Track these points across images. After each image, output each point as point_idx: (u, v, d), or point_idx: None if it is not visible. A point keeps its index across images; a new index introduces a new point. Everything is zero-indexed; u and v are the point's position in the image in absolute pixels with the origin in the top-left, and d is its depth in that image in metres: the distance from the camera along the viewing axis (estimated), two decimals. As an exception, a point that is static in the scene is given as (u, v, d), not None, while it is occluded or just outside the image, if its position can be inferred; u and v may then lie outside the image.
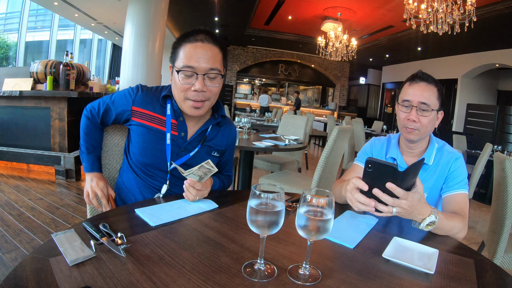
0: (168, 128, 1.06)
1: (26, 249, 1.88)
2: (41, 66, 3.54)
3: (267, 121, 5.62)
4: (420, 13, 4.27)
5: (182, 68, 0.97)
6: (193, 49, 0.97)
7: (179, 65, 0.97)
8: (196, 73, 0.97)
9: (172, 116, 1.07)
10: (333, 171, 2.22)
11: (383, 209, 0.77)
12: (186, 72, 0.97)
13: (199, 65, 0.96)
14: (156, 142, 1.06)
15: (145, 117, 1.07)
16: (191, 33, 1.00)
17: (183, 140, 1.08)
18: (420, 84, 1.10)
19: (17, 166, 3.62)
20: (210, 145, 1.13)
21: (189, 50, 0.97)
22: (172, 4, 5.42)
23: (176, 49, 1.00)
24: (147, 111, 1.07)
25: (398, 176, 0.73)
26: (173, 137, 1.07)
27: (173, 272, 0.61)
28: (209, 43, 0.99)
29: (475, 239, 2.85)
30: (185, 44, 0.98)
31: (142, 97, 1.08)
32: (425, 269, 0.68)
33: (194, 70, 0.97)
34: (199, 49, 0.97)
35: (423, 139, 1.14)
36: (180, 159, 1.08)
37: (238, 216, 0.91)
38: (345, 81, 13.04)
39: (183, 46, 0.98)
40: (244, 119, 2.61)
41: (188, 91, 0.99)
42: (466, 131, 6.54)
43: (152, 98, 1.08)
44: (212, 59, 0.98)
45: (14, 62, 9.52)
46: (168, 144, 1.06)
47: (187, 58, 0.96)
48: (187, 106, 1.02)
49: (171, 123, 1.07)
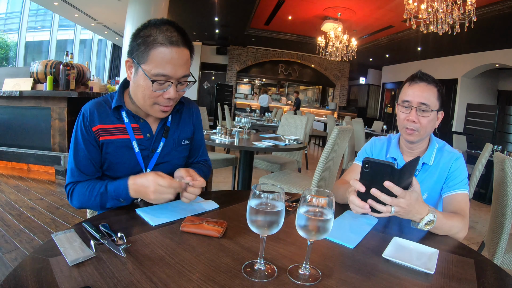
0: (132, 135, 0.98)
1: (26, 249, 1.88)
2: (41, 66, 3.54)
3: (267, 121, 5.62)
4: (420, 13, 4.27)
5: (156, 76, 0.86)
6: (168, 54, 0.85)
7: (152, 72, 0.86)
8: (170, 81, 0.88)
9: (131, 121, 0.99)
10: (333, 171, 2.22)
11: (381, 209, 0.77)
12: (160, 80, 0.87)
13: (174, 73, 0.87)
14: (125, 153, 0.98)
15: (106, 132, 0.97)
16: (160, 28, 0.86)
17: (150, 141, 1.01)
18: (419, 84, 1.10)
19: (17, 166, 3.62)
20: (177, 135, 1.07)
21: (163, 56, 0.85)
22: (172, 4, 5.42)
23: (143, 45, 0.86)
24: (105, 126, 0.96)
25: (395, 174, 0.73)
26: (139, 142, 0.99)
27: (173, 272, 0.61)
28: (183, 46, 0.88)
29: (475, 239, 2.85)
30: (156, 45, 0.85)
31: (92, 114, 0.96)
32: (425, 269, 0.68)
33: (168, 78, 0.87)
34: (174, 55, 0.86)
35: (423, 140, 1.14)
36: (152, 161, 1.02)
37: (238, 216, 0.91)
38: (345, 81, 13.04)
39: (154, 47, 0.85)
40: (244, 119, 2.61)
41: (159, 98, 0.90)
42: (466, 131, 6.54)
43: (102, 111, 0.97)
44: (185, 65, 0.90)
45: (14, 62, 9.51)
46: (138, 152, 0.99)
47: (161, 64, 0.85)
48: (155, 110, 0.93)
49: (133, 128, 0.99)
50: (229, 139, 2.31)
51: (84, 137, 0.95)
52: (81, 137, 0.95)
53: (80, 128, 0.95)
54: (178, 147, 1.07)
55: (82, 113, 0.96)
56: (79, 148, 0.95)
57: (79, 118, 0.97)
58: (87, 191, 0.92)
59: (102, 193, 0.89)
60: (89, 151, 0.95)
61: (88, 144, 0.95)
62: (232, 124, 4.39)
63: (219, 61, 12.09)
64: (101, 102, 0.99)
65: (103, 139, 0.96)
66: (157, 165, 1.03)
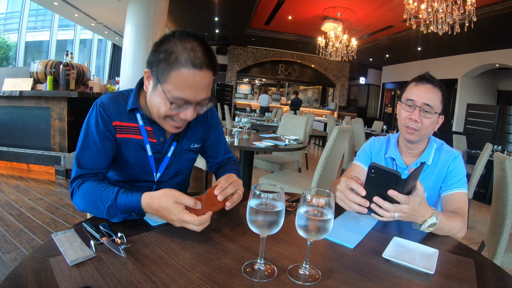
0: (146, 138, 0.96)
1: (26, 249, 1.88)
2: (41, 66, 3.54)
3: (267, 121, 5.62)
4: (420, 13, 4.27)
5: (175, 99, 0.81)
6: (190, 78, 0.79)
7: (171, 93, 0.81)
8: (189, 103, 0.84)
9: (146, 124, 0.96)
10: (333, 171, 2.22)
11: (384, 214, 0.77)
12: (179, 102, 0.82)
13: (195, 97, 0.83)
14: (139, 154, 0.96)
15: (123, 129, 0.94)
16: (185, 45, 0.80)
17: (163, 145, 1.00)
18: (426, 85, 1.10)
19: (17, 166, 3.62)
20: (187, 139, 1.04)
21: (185, 79, 0.79)
22: (172, 4, 5.42)
23: (164, 63, 0.80)
24: (122, 123, 0.94)
25: (400, 183, 0.73)
26: (152, 145, 0.97)
27: (173, 272, 0.61)
28: (207, 69, 0.81)
29: (475, 239, 2.85)
30: (179, 66, 0.79)
31: (111, 109, 0.92)
32: (425, 269, 0.68)
33: (188, 102, 0.83)
34: (197, 78, 0.80)
35: (422, 141, 1.14)
36: (162, 165, 1.00)
37: (238, 216, 0.91)
38: (345, 81, 13.04)
39: (176, 68, 0.79)
40: (244, 119, 2.61)
41: (175, 116, 0.86)
42: (466, 131, 6.55)
43: (119, 107, 0.94)
44: (208, 88, 0.84)
45: (14, 62, 9.52)
46: (151, 156, 0.97)
47: (182, 88, 0.80)
48: (168, 125, 0.89)
49: (147, 131, 0.96)
50: (229, 139, 2.31)
51: (99, 129, 0.89)
52: (95, 130, 0.89)
53: (96, 120, 0.90)
54: (187, 150, 1.06)
55: (98, 105, 0.91)
56: (91, 141, 0.89)
57: (94, 109, 0.91)
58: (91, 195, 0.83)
59: (110, 206, 0.80)
60: (103, 145, 0.90)
61: (104, 137, 0.90)
62: (232, 124, 4.39)
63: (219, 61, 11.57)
64: (118, 97, 0.96)
65: (120, 137, 0.94)
66: (167, 168, 1.02)
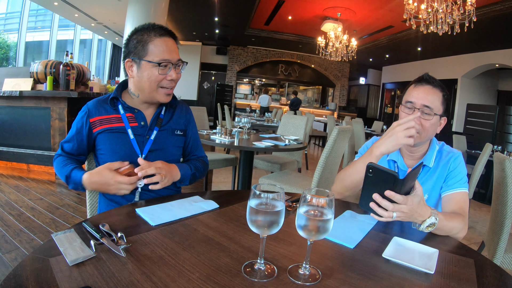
0: (127, 123, 1.11)
1: (26, 249, 1.88)
2: (41, 66, 3.54)
3: (267, 121, 5.62)
4: (420, 13, 4.27)
5: (161, 61, 1.05)
6: (164, 43, 1.06)
7: (156, 59, 1.05)
8: (171, 64, 1.07)
9: (126, 111, 1.13)
10: (333, 171, 2.22)
11: (383, 214, 0.77)
12: (163, 63, 1.05)
13: (172, 57, 1.07)
14: (121, 139, 1.10)
15: (103, 122, 1.11)
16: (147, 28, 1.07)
17: (145, 128, 1.13)
18: (425, 87, 1.08)
19: (17, 166, 3.62)
20: (169, 126, 1.19)
21: (161, 44, 1.06)
22: (172, 4, 5.42)
23: (140, 44, 1.05)
24: (102, 116, 1.11)
25: (398, 184, 0.73)
26: (134, 130, 1.12)
27: (173, 272, 0.61)
28: (170, 36, 1.09)
29: (475, 239, 2.85)
30: (153, 39, 1.05)
31: (93, 108, 1.12)
32: (425, 269, 0.68)
33: (169, 62, 1.06)
34: (169, 43, 1.08)
35: (423, 143, 1.13)
36: (146, 147, 1.12)
37: (238, 216, 0.91)
38: (345, 81, 13.03)
39: (151, 41, 1.05)
40: (244, 119, 2.61)
41: (163, 81, 1.08)
42: (466, 131, 6.54)
43: (101, 104, 1.13)
44: (177, 52, 1.11)
45: (14, 62, 9.51)
46: (133, 139, 1.11)
47: (161, 52, 1.05)
48: (160, 94, 1.10)
49: (128, 117, 1.12)
50: (229, 139, 2.31)
51: (77, 127, 1.11)
52: (75, 126, 1.12)
53: (80, 119, 1.11)
54: (172, 136, 1.19)
55: (85, 106, 1.13)
56: (70, 134, 1.12)
57: (82, 110, 1.13)
58: (60, 165, 1.09)
59: (67, 177, 1.05)
60: (77, 140, 1.11)
61: (79, 133, 1.11)
62: (232, 124, 4.39)
63: (219, 61, 12.08)
64: (102, 98, 1.15)
65: (99, 129, 1.10)
66: (152, 151, 1.13)
